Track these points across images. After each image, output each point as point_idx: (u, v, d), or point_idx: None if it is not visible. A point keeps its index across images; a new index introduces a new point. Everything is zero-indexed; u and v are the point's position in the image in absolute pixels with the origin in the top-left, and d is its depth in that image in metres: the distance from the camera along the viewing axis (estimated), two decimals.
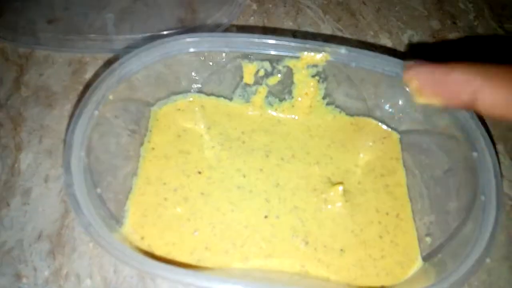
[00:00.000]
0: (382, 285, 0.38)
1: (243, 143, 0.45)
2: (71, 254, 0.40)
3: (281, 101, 0.47)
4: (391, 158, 0.45)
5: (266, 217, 0.41)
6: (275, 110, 0.47)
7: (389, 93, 0.45)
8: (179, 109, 0.46)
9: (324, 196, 0.42)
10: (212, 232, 0.39)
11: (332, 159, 0.45)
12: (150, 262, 0.31)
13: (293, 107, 0.47)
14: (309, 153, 0.45)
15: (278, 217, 0.41)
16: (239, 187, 0.42)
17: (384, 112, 0.46)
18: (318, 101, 0.46)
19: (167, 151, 0.44)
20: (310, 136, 0.46)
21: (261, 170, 0.43)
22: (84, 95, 0.38)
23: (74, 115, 0.37)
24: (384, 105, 0.46)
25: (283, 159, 0.44)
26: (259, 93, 0.47)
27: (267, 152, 0.45)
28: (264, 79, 0.46)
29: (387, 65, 0.41)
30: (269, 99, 0.47)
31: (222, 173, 0.43)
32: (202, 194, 0.41)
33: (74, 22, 0.54)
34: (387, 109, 0.46)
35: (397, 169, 0.44)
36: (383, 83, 0.44)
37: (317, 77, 0.44)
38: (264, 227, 0.40)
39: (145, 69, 0.42)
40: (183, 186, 0.42)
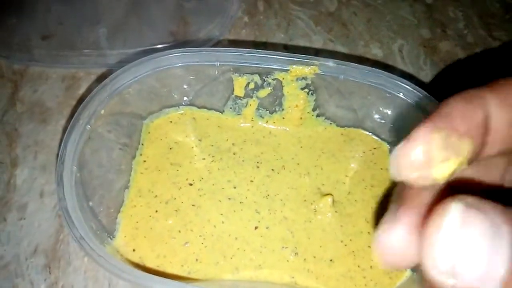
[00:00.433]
0: None
1: (234, 154, 0.46)
2: (66, 268, 0.41)
3: (271, 113, 0.48)
4: (381, 169, 0.46)
5: (256, 228, 0.41)
6: (266, 122, 0.48)
7: (378, 104, 0.45)
8: (171, 122, 0.47)
9: (314, 207, 0.42)
10: (203, 244, 0.40)
11: (322, 169, 0.45)
12: (141, 274, 0.32)
13: (283, 119, 0.47)
14: (299, 164, 0.46)
15: (268, 228, 0.41)
16: (229, 198, 0.43)
17: (374, 123, 0.47)
18: (308, 112, 0.47)
19: (159, 163, 0.44)
20: (301, 147, 0.47)
21: (252, 181, 0.44)
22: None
23: (67, 130, 0.38)
24: (374, 116, 0.47)
25: (273, 170, 0.45)
26: (250, 106, 0.47)
27: (257, 163, 0.45)
28: (255, 92, 0.46)
29: (375, 78, 0.42)
30: (260, 111, 0.48)
31: (213, 184, 0.44)
32: (193, 205, 0.42)
33: (67, 37, 0.55)
34: (377, 120, 0.47)
35: (387, 179, 0.45)
36: (372, 94, 0.44)
37: (306, 90, 0.45)
38: (254, 238, 0.40)
39: (137, 83, 0.43)
40: (174, 198, 0.42)
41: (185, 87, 0.47)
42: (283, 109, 0.47)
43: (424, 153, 0.17)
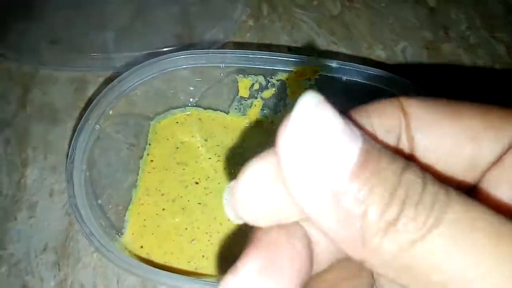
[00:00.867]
0: None
1: (239, 153, 0.47)
2: (76, 265, 0.41)
3: (276, 113, 0.48)
4: None
5: None
6: (270, 122, 0.49)
7: None
8: (177, 122, 0.48)
9: None
10: (209, 241, 0.41)
11: None
12: (149, 269, 0.33)
13: None
14: None
15: None
16: None
17: None
18: None
19: (166, 163, 0.45)
20: None
21: None
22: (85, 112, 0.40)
23: (76, 130, 0.39)
24: None
25: None
26: (255, 106, 0.48)
27: None
28: (259, 92, 0.47)
29: (378, 79, 0.43)
30: (265, 111, 0.48)
31: (218, 183, 0.44)
32: (199, 204, 0.43)
33: (75, 41, 0.56)
34: None
35: None
36: (375, 95, 0.45)
37: (310, 90, 0.46)
38: None
39: (144, 85, 0.44)
40: (181, 197, 0.43)
41: (191, 88, 0.48)
42: (287, 110, 0.48)
43: None
